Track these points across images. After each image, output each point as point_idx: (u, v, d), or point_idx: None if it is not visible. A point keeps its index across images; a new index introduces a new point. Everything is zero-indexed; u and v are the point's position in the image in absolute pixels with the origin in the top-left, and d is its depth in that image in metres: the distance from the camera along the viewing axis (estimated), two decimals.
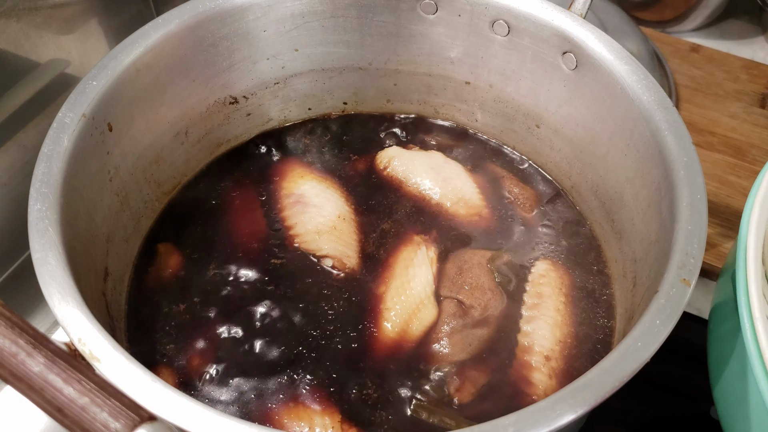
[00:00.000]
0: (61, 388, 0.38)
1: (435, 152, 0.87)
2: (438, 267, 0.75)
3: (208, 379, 0.67)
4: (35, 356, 0.39)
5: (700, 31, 1.36)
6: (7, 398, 0.81)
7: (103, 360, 0.48)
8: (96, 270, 0.66)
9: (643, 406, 0.83)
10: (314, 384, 0.66)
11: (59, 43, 0.87)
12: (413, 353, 0.69)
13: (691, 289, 0.53)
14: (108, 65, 0.68)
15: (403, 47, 0.84)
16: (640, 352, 0.49)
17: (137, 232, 0.77)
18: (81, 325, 0.50)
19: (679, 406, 0.84)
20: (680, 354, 0.87)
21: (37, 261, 0.54)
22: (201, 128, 0.82)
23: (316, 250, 0.76)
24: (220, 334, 0.70)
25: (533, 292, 0.73)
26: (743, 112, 1.17)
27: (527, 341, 0.69)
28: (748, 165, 1.09)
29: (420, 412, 0.64)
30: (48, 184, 0.59)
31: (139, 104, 0.72)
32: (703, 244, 0.56)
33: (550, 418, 0.46)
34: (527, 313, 0.71)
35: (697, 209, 0.57)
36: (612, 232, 0.74)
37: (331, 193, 0.82)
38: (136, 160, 0.74)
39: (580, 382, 0.48)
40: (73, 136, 0.63)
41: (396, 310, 0.71)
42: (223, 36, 0.77)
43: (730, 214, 1.02)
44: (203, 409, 0.46)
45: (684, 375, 0.86)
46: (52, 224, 0.56)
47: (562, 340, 0.69)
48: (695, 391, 0.85)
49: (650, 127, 0.65)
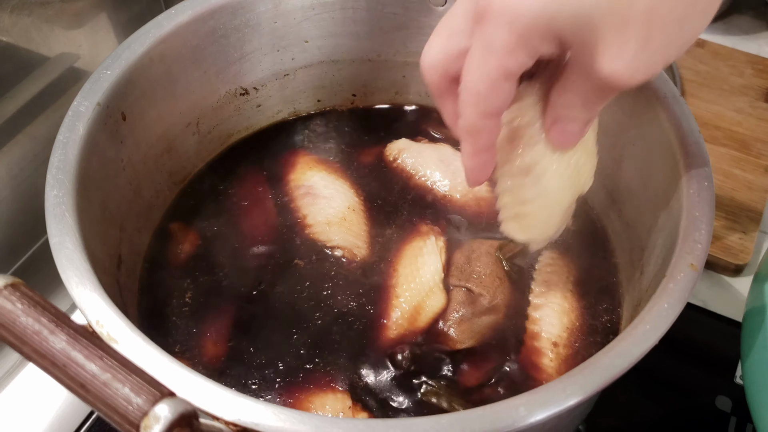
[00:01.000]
0: (84, 365, 0.39)
1: (444, 144, 0.87)
2: (447, 256, 0.76)
3: (218, 363, 0.68)
4: (58, 334, 0.40)
5: None
6: (7, 398, 0.83)
7: (120, 341, 0.49)
8: (110, 256, 0.67)
9: (646, 399, 0.83)
10: (326, 369, 0.67)
11: (69, 37, 0.88)
12: (422, 340, 0.70)
13: (698, 274, 0.54)
14: (122, 55, 0.69)
15: (413, 39, 0.85)
16: (649, 335, 0.50)
17: (149, 222, 0.78)
18: (98, 308, 0.51)
19: (682, 399, 0.84)
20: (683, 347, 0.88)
21: (55, 245, 0.55)
22: (212, 119, 0.83)
23: (326, 241, 0.77)
24: (231, 322, 0.71)
25: (540, 279, 0.73)
26: (748, 107, 1.18)
27: (536, 328, 0.70)
28: (753, 159, 1.10)
29: (430, 396, 0.65)
30: (64, 170, 0.60)
31: (152, 94, 0.73)
32: (710, 230, 0.56)
33: (560, 398, 0.47)
34: (535, 301, 0.72)
35: (704, 197, 0.58)
36: (619, 221, 0.75)
37: (340, 184, 0.83)
38: (148, 149, 0.75)
39: (589, 363, 0.49)
40: (87, 124, 0.64)
41: (405, 298, 0.72)
42: (234, 27, 0.78)
43: (734, 207, 1.03)
44: (218, 388, 0.47)
45: (687, 368, 0.87)
46: (69, 210, 0.57)
47: (569, 326, 0.70)
48: (698, 384, 0.86)
49: (658, 117, 0.66)
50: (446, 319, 0.71)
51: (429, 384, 0.66)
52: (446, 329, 0.70)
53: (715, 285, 0.97)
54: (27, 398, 0.82)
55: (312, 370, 0.67)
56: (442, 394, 0.65)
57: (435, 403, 0.64)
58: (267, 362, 0.67)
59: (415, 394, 0.65)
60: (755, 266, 0.99)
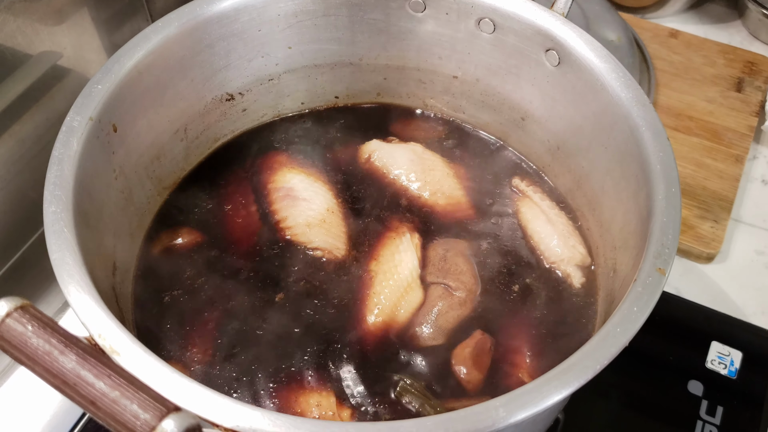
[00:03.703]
0: (93, 383, 0.42)
1: (415, 144, 0.89)
2: (422, 253, 0.79)
3: (208, 366, 0.70)
4: (67, 354, 0.43)
5: (679, 16, 1.39)
6: (7, 398, 0.85)
7: (122, 353, 0.52)
8: (106, 265, 0.69)
9: (620, 385, 0.87)
10: (311, 369, 0.70)
11: (51, 33, 0.88)
12: (402, 337, 0.73)
13: (666, 278, 0.57)
14: (112, 68, 0.71)
15: (393, 43, 0.87)
16: (619, 337, 0.54)
17: (141, 226, 0.80)
18: (101, 321, 0.53)
19: (655, 383, 0.88)
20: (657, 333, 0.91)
21: (55, 261, 0.57)
22: (199, 125, 0.85)
23: (306, 243, 0.80)
24: (218, 325, 0.73)
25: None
26: (720, 97, 1.21)
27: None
28: (724, 148, 1.13)
29: (404, 394, 0.68)
30: (61, 186, 0.62)
31: (141, 105, 0.75)
32: (677, 234, 0.60)
33: (537, 399, 0.50)
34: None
35: (672, 202, 0.61)
36: (594, 220, 0.78)
37: (319, 186, 0.85)
38: (138, 158, 0.77)
39: (565, 365, 0.52)
40: (81, 139, 0.66)
41: (385, 294, 0.74)
42: (219, 36, 0.80)
43: (706, 196, 1.06)
44: (217, 396, 0.50)
45: (660, 353, 0.90)
46: (67, 225, 0.59)
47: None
48: (671, 369, 0.89)
49: (628, 123, 0.69)
50: (425, 314, 0.74)
51: (405, 382, 0.68)
52: (425, 325, 0.73)
53: (688, 272, 1.01)
54: (22, 398, 0.84)
55: (298, 370, 0.70)
56: (416, 393, 0.68)
57: (407, 402, 0.67)
58: (255, 364, 0.70)
59: (392, 391, 0.68)
60: (727, 254, 1.03)
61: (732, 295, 0.98)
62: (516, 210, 0.84)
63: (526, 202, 0.83)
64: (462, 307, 0.74)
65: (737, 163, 1.11)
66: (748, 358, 0.89)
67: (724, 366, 0.88)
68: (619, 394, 0.86)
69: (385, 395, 0.68)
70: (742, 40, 1.35)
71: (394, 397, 0.68)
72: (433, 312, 0.74)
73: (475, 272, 0.77)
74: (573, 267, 0.77)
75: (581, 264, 0.77)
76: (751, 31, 1.36)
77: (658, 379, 0.88)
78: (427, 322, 0.73)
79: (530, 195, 0.83)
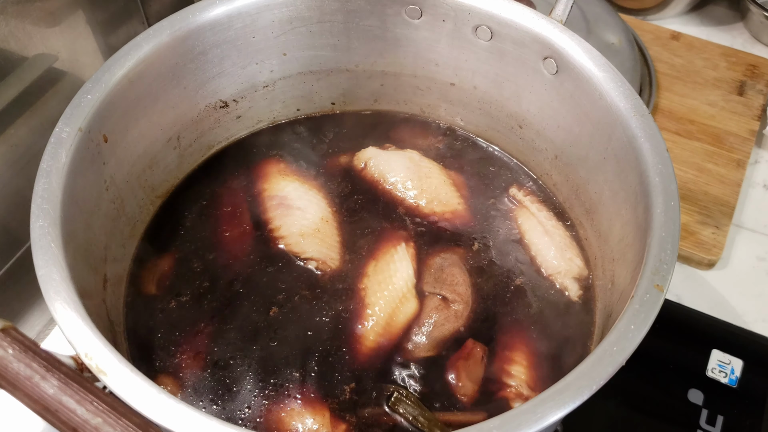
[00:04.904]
0: (75, 409, 0.41)
1: (411, 151, 0.88)
2: (417, 262, 0.78)
3: (202, 378, 0.69)
4: (49, 379, 0.42)
5: (681, 18, 1.38)
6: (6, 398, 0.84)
7: (109, 373, 0.51)
8: (96, 278, 0.68)
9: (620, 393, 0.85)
10: (304, 382, 0.69)
11: (45, 36, 0.87)
12: (397, 348, 0.72)
13: (664, 294, 0.56)
14: (102, 78, 0.70)
15: (389, 50, 0.86)
16: (615, 356, 0.52)
17: (133, 236, 0.79)
18: (87, 340, 0.52)
19: (655, 392, 0.87)
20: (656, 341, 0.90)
21: (42, 277, 0.56)
22: (193, 132, 0.84)
23: (300, 253, 0.78)
24: (210, 337, 0.72)
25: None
26: (722, 100, 1.20)
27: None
28: (725, 153, 1.12)
29: (398, 406, 0.67)
30: (48, 199, 0.61)
31: (133, 114, 0.74)
32: (675, 250, 0.58)
33: (532, 421, 0.49)
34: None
35: (671, 216, 0.60)
36: (592, 230, 0.77)
37: (313, 194, 0.84)
38: (130, 167, 0.76)
39: (560, 385, 0.51)
40: (70, 150, 0.64)
41: (380, 305, 0.73)
42: (213, 44, 0.79)
43: (708, 201, 1.05)
44: (201, 416, 0.48)
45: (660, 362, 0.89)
46: (55, 240, 0.58)
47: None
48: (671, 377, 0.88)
49: (627, 134, 0.68)
50: (420, 325, 0.73)
51: (398, 393, 0.68)
52: (421, 336, 0.72)
53: (689, 279, 1.00)
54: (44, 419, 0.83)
55: (291, 383, 0.69)
56: (410, 404, 0.67)
57: (402, 413, 0.66)
58: (247, 377, 0.69)
59: (386, 403, 0.68)
60: (728, 260, 1.02)
61: (733, 302, 0.98)
62: (513, 220, 0.82)
63: (523, 213, 0.82)
64: (458, 318, 0.73)
65: (739, 167, 1.10)
66: (748, 367, 0.88)
67: (724, 374, 0.87)
68: (618, 403, 0.86)
69: (379, 407, 0.68)
70: (744, 42, 1.34)
71: (388, 408, 0.67)
72: (428, 323, 0.73)
73: (471, 283, 0.76)
74: (570, 279, 0.76)
75: (578, 276, 0.76)
76: (753, 34, 1.35)
77: (658, 388, 0.87)
78: (423, 333, 0.72)
79: (527, 205, 0.82)
